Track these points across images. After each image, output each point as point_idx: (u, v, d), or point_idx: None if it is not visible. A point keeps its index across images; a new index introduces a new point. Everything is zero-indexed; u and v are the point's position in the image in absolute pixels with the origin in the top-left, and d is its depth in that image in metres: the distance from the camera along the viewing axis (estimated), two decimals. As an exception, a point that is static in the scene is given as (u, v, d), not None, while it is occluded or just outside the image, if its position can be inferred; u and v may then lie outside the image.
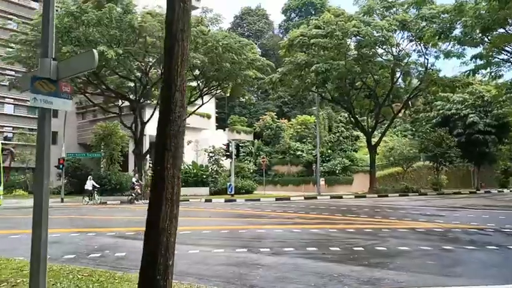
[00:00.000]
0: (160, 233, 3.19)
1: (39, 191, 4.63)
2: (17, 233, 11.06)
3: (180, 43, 3.38)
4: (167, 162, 3.24)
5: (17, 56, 26.40)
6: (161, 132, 3.31)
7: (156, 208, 3.25)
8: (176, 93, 3.30)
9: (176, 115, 3.28)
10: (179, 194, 3.39)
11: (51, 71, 4.78)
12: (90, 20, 22.58)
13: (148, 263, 3.27)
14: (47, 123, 4.74)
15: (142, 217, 12.29)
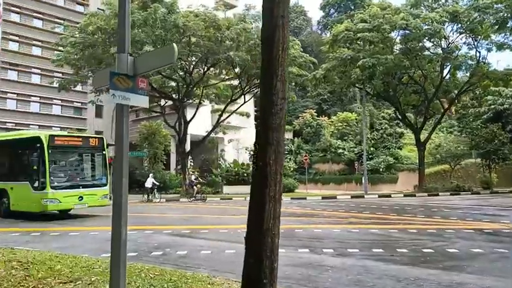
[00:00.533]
0: (265, 234, 2.98)
1: (119, 189, 4.55)
2: (76, 230, 11.28)
3: (281, 30, 3.15)
4: (270, 157, 3.02)
5: (66, 58, 27.22)
6: (263, 126, 3.10)
7: (259, 207, 3.04)
8: (278, 83, 3.08)
9: (278, 107, 3.07)
10: (281, 193, 3.17)
11: (128, 66, 4.68)
12: (136, 20, 22.91)
13: (251, 266, 3.06)
14: (125, 119, 4.65)
15: (198, 215, 12.27)
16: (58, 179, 13.69)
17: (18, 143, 15.21)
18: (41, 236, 10.21)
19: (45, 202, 13.13)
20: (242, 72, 28.34)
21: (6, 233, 10.76)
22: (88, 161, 15.47)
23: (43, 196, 13.18)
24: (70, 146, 14.50)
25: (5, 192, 14.59)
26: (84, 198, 13.85)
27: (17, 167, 15.03)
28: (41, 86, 45.26)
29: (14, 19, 44.56)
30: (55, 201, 13.22)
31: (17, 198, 14.10)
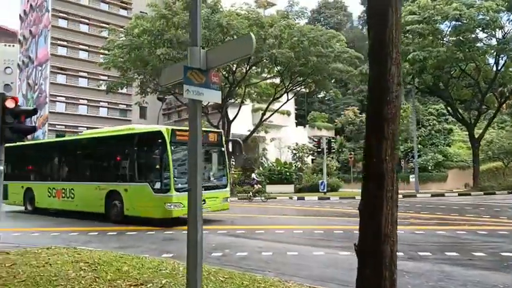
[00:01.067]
0: (383, 241, 2.63)
1: (193, 188, 4.33)
2: (133, 230, 11.31)
3: (394, 8, 2.79)
4: (385, 153, 2.67)
5: (113, 61, 27.83)
6: (376, 117, 2.75)
7: (374, 211, 2.70)
8: (393, 67, 2.72)
9: (394, 95, 2.71)
10: (398, 193, 2.80)
11: (201, 60, 4.46)
12: (181, 22, 23.08)
13: (368, 278, 2.71)
14: (198, 115, 4.42)
15: (250, 215, 12.00)
16: (181, 179, 11.63)
17: (134, 139, 13.16)
18: (99, 236, 10.31)
19: (169, 207, 11.36)
20: (285, 70, 27.97)
21: (66, 233, 10.95)
22: (208, 159, 13.40)
23: (167, 199, 11.39)
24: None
25: (118, 194, 12.79)
26: (206, 202, 11.46)
27: (132, 166, 12.89)
28: (89, 89, 46.86)
29: (62, 25, 46.34)
30: (179, 206, 11.31)
31: (132, 202, 12.29)
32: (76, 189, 14.43)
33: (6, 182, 16.67)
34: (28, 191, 16.56)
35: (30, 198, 16.45)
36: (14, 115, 7.75)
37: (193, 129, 4.38)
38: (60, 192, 15.03)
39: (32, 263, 6.25)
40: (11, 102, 7.71)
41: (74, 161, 15.92)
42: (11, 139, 7.74)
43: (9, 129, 7.64)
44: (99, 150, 14.70)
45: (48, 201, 15.60)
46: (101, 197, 13.12)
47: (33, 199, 16.31)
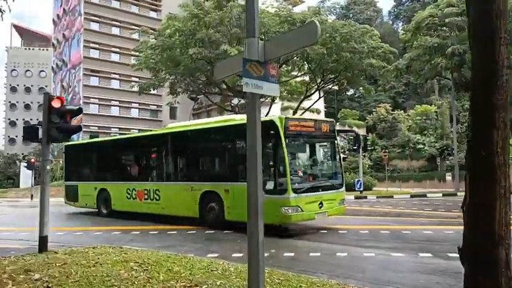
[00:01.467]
0: (497, 244, 2.34)
1: (253, 185, 4.13)
2: (173, 229, 11.25)
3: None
4: (497, 145, 2.38)
5: (146, 62, 28.12)
6: (483, 104, 2.46)
7: (485, 209, 2.41)
8: (502, 48, 2.43)
9: (504, 78, 2.41)
10: (511, 190, 2.51)
11: (259, 52, 4.24)
12: (212, 21, 23.04)
13: (480, 285, 2.42)
14: (257, 109, 4.22)
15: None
16: (298, 178, 10.08)
17: (238, 131, 10.72)
18: (141, 235, 10.29)
19: (286, 211, 9.42)
20: (316, 67, 27.51)
21: (108, 232, 11.01)
22: (322, 154, 11.53)
23: (283, 202, 9.40)
24: (305, 133, 10.43)
25: (215, 196, 10.97)
26: (324, 205, 9.98)
27: (235, 163, 10.96)
28: (120, 90, 47.77)
29: (94, 28, 47.34)
30: (297, 210, 9.50)
31: (236, 204, 10.20)
32: (163, 190, 12.70)
33: (76, 182, 16.13)
34: (102, 193, 14.97)
35: (105, 200, 14.84)
36: (60, 115, 7.78)
37: (251, 123, 4.18)
38: (142, 193, 13.34)
39: (82, 263, 6.21)
40: (57, 101, 7.75)
41: (160, 158, 13.75)
42: (57, 139, 7.79)
43: (56, 129, 7.68)
44: (192, 145, 12.77)
45: (127, 203, 13.90)
46: (195, 199, 11.39)
47: (109, 201, 14.66)
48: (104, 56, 47.60)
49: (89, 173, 16.14)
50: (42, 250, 7.45)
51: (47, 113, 7.66)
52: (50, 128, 7.63)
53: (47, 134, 7.64)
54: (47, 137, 7.65)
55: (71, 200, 16.45)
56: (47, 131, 7.62)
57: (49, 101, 7.68)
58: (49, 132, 7.62)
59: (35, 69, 73.20)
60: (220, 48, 22.43)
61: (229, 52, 21.67)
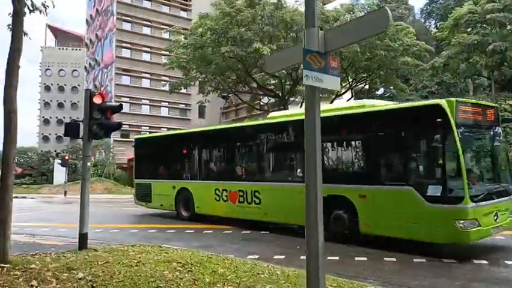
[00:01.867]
0: None
1: (313, 185, 3.86)
2: (209, 228, 11.11)
3: None
4: None
5: (177, 61, 28.28)
6: None
7: None
8: None
9: None
10: None
11: (319, 42, 3.96)
12: (244, 19, 22.92)
13: None
14: (317, 104, 3.94)
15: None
16: (476, 183, 7.79)
17: (385, 118, 8.77)
18: (177, 234, 10.18)
19: (462, 225, 7.04)
20: (349, 66, 26.95)
21: (144, 230, 10.97)
22: (493, 148, 8.62)
23: (458, 214, 7.10)
24: (477, 121, 8.08)
25: (344, 202, 8.79)
26: (499, 217, 7.62)
27: (377, 160, 8.80)
28: (151, 89, 48.36)
29: (126, 28, 48.05)
30: (475, 224, 7.14)
31: (377, 215, 8.29)
32: (265, 192, 10.48)
33: (148, 180, 14.17)
34: (182, 193, 12.93)
35: (186, 201, 12.83)
36: (101, 111, 7.72)
37: (311, 119, 3.91)
38: (236, 194, 11.17)
39: (124, 262, 6.09)
40: (99, 98, 7.69)
41: (262, 153, 11.25)
42: (98, 135, 7.72)
43: (97, 126, 7.62)
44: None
45: (216, 206, 11.77)
46: None
47: (191, 203, 12.61)
48: (136, 55, 48.30)
49: (166, 170, 14.20)
50: (82, 247, 7.40)
51: (89, 109, 7.61)
52: (92, 125, 7.57)
53: (88, 131, 7.59)
54: (88, 133, 7.60)
55: (142, 200, 14.56)
56: (88, 128, 7.57)
57: (91, 98, 7.63)
58: (91, 128, 7.57)
59: (68, 68, 75.04)
60: (252, 46, 22.25)
61: (262, 50, 21.50)
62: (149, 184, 14.13)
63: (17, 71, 6.19)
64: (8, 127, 5.99)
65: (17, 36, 6.21)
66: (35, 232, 10.34)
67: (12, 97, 6.08)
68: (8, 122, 5.99)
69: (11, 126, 6.02)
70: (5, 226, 5.86)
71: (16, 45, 6.18)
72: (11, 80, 6.08)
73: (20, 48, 6.28)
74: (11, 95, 6.04)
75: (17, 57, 6.20)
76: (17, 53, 6.21)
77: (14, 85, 6.13)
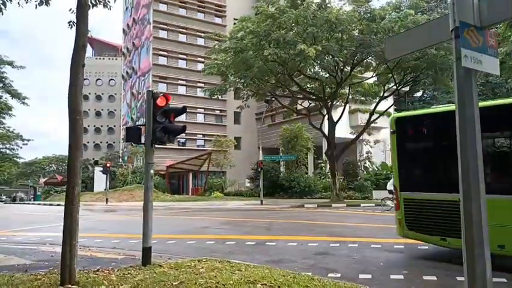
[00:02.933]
0: None
1: (475, 198, 3.00)
2: (272, 240, 10.32)
3: None
4: None
5: (218, 65, 27.82)
6: None
7: None
8: None
9: None
10: None
11: (474, 14, 3.12)
12: (286, 21, 22.20)
13: None
14: (474, 93, 3.09)
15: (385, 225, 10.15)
16: None
17: None
18: (238, 246, 9.40)
19: None
20: (395, 66, 25.69)
21: (201, 241, 10.28)
22: None
23: None
24: None
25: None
26: None
27: None
28: (187, 96, 48.36)
29: (162, 36, 48.35)
30: None
31: None
32: None
33: (435, 195, 7.27)
34: None
35: None
36: (165, 114, 7.11)
37: (466, 111, 3.06)
38: None
39: (201, 283, 5.37)
40: (163, 100, 7.08)
41: None
42: (161, 140, 7.11)
43: (161, 130, 7.01)
44: None
45: None
46: None
47: None
48: (172, 62, 48.48)
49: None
50: (146, 263, 6.77)
51: (152, 112, 7.01)
52: (156, 128, 6.96)
53: (152, 135, 6.98)
54: (151, 138, 6.99)
55: (420, 229, 7.72)
56: (152, 132, 6.96)
57: (154, 100, 7.03)
58: (154, 133, 6.96)
59: (105, 77, 76.75)
60: (296, 48, 21.46)
61: (307, 52, 20.67)
62: (436, 202, 7.35)
63: (82, 69, 5.66)
64: (74, 129, 5.44)
65: (81, 32, 5.67)
66: (89, 243, 9.86)
67: (77, 97, 5.53)
68: (73, 125, 5.43)
69: (77, 129, 5.46)
70: (71, 241, 5.28)
71: (81, 41, 5.64)
72: (76, 78, 5.54)
73: (85, 45, 5.75)
74: (76, 95, 5.49)
75: (82, 54, 5.67)
76: (82, 50, 5.67)
77: (79, 84, 5.60)
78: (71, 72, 5.55)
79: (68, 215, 5.28)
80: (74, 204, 5.32)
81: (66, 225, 5.28)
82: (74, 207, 5.30)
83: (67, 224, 5.27)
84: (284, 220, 15.11)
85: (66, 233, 5.28)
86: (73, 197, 5.31)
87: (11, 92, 45.16)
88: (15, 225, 14.87)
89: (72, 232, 5.24)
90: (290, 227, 12.84)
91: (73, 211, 5.28)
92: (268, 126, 49.94)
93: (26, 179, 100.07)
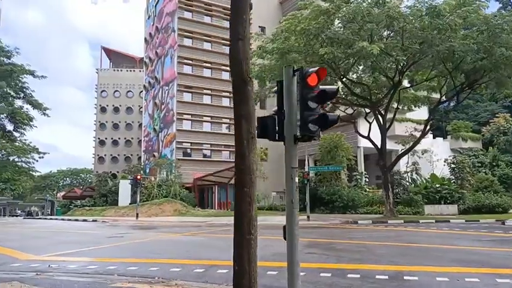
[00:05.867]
0: None
1: None
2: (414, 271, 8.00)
3: None
4: None
5: (257, 71, 25.90)
6: None
7: None
8: None
9: None
10: None
11: None
12: (344, 15, 20.19)
13: None
14: None
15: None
16: None
17: None
18: (366, 281, 7.05)
19: None
20: (455, 68, 23.39)
21: (312, 271, 7.87)
22: None
23: None
24: None
25: None
26: None
27: None
28: (211, 105, 46.51)
29: (187, 44, 46.78)
30: None
31: None
32: None
33: None
34: None
35: None
36: (318, 98, 4.96)
37: None
38: None
39: None
40: (314, 78, 4.93)
41: None
42: (312, 134, 4.92)
43: (317, 119, 4.85)
44: None
45: None
46: None
47: None
48: (197, 71, 46.79)
49: None
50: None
51: (301, 96, 4.86)
52: (307, 118, 4.81)
53: (300, 128, 4.82)
54: (298, 131, 4.83)
55: None
56: (302, 123, 4.81)
57: (304, 78, 4.89)
58: (305, 124, 4.80)
59: (122, 89, 75.41)
60: (355, 45, 19.37)
61: (370, 49, 18.56)
62: None
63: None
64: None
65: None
66: (167, 273, 7.70)
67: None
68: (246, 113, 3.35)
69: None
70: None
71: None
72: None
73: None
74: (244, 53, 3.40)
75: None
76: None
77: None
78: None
79: (242, 248, 3.10)
80: (250, 230, 3.14)
81: (242, 270, 3.10)
82: (251, 238, 3.12)
83: (242, 268, 3.09)
84: (372, 242, 12.70)
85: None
86: (248, 221, 3.14)
87: (32, 103, 43.75)
88: (52, 248, 12.75)
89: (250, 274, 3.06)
90: (399, 252, 10.37)
91: (249, 242, 3.10)
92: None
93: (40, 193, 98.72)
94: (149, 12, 55.98)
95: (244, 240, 3.35)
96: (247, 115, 4.67)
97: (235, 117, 4.86)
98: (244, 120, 4.69)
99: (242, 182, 4.35)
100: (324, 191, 31.16)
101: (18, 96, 44.07)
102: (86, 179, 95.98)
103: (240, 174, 4.54)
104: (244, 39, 4.54)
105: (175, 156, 43.58)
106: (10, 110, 42.01)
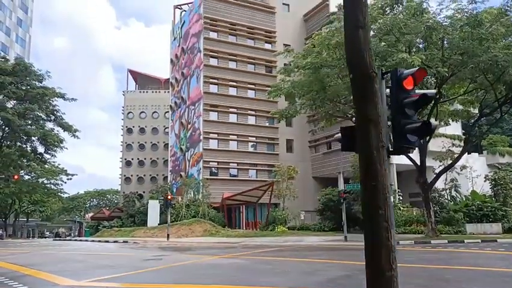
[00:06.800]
0: None
1: None
2: None
3: None
4: None
5: (286, 88, 25.52)
6: None
7: None
8: None
9: None
10: None
11: None
12: (381, 27, 19.64)
13: None
14: None
15: None
16: None
17: None
18: None
19: None
20: (496, 81, 22.31)
21: None
22: None
23: None
24: None
25: None
26: None
27: None
28: (238, 124, 46.26)
29: (212, 63, 46.99)
30: None
31: None
32: None
33: None
34: None
35: None
36: (414, 104, 4.33)
37: None
38: None
39: None
40: (410, 81, 4.31)
41: None
42: (410, 145, 4.27)
43: (416, 129, 4.21)
44: None
45: None
46: None
47: None
48: (222, 90, 46.81)
49: None
50: None
51: (396, 100, 4.24)
52: (404, 126, 4.17)
53: (396, 138, 4.18)
54: (394, 143, 4.19)
55: None
56: (397, 132, 4.17)
57: (398, 81, 4.28)
58: (402, 133, 4.16)
59: (148, 110, 76.21)
60: (394, 57, 18.69)
61: (411, 61, 17.81)
62: None
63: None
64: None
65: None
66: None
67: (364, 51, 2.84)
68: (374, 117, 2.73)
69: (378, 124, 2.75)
70: None
71: None
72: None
73: None
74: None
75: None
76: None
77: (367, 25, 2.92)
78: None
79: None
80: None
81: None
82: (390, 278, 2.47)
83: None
84: (429, 265, 11.76)
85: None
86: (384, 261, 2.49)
87: (63, 125, 44.41)
88: (90, 272, 12.29)
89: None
90: (468, 277, 9.36)
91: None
92: (323, 154, 46.88)
93: (67, 214, 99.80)
94: (174, 35, 56.70)
95: (384, 279, 2.71)
96: (376, 118, 3.75)
97: (358, 121, 3.99)
98: (373, 125, 3.74)
99: (376, 203, 3.59)
100: (359, 210, 30.03)
101: (49, 119, 44.87)
102: (113, 199, 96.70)
103: (371, 192, 3.73)
104: (365, 27, 3.79)
105: (202, 175, 43.20)
106: (42, 133, 42.68)
